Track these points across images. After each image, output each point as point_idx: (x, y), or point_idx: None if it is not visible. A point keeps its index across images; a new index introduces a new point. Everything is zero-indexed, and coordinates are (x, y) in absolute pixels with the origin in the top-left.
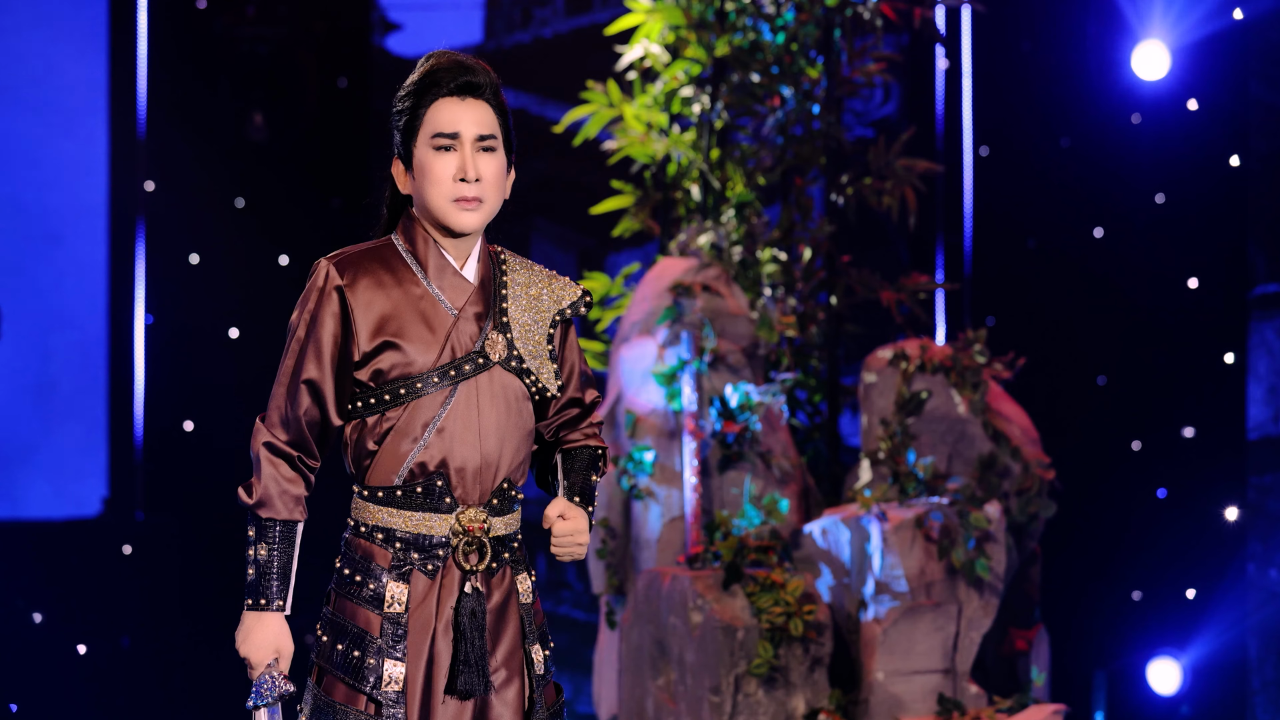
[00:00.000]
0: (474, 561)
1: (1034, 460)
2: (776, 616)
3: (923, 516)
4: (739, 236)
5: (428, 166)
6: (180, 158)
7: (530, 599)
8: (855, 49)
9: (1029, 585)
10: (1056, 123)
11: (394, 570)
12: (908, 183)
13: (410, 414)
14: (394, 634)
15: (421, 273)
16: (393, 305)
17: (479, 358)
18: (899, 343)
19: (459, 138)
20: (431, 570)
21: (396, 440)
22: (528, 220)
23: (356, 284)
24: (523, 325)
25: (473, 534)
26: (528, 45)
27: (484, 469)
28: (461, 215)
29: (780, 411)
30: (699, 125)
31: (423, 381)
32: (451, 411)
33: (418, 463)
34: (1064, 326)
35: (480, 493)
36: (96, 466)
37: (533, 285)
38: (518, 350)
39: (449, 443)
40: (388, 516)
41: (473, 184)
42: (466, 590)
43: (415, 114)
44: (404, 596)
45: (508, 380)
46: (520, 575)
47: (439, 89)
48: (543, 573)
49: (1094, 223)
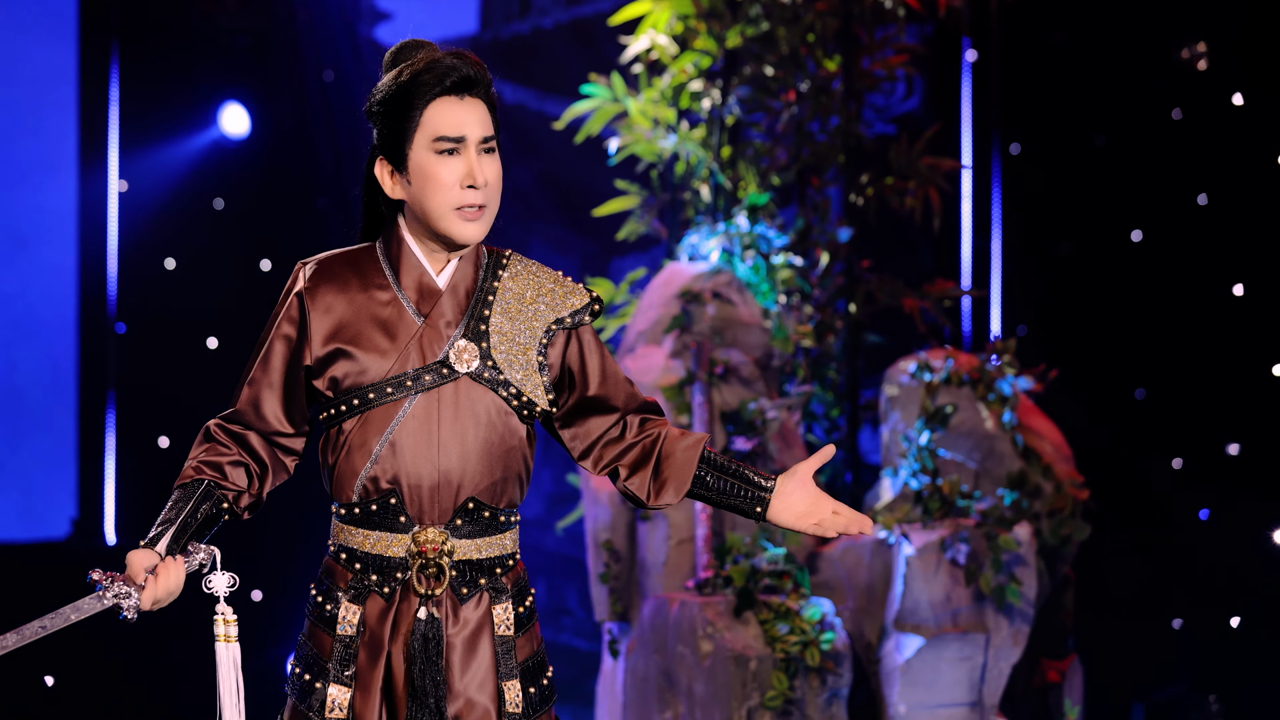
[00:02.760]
0: (429, 585)
1: (1067, 479)
2: (791, 646)
3: (948, 539)
4: (752, 240)
5: (430, 172)
6: (155, 155)
7: (509, 631)
8: (876, 40)
9: (1062, 612)
10: (1092, 118)
11: (350, 591)
12: (932, 183)
13: (363, 426)
14: (342, 656)
15: (394, 277)
16: (353, 311)
17: (442, 368)
18: (922, 354)
19: (464, 141)
20: (388, 593)
21: (351, 454)
22: (526, 223)
23: (319, 288)
24: (505, 334)
25: (428, 555)
26: (526, 36)
27: (442, 486)
28: (465, 227)
29: (796, 427)
30: (709, 121)
31: (375, 391)
32: (405, 424)
33: (370, 478)
34: (1099, 336)
35: (439, 512)
36: (64, 486)
37: (530, 291)
38: (494, 361)
39: (402, 458)
40: (349, 535)
41: (480, 189)
42: (421, 616)
43: (408, 114)
44: (356, 619)
45: (479, 393)
46: (500, 605)
47: (437, 86)
48: (542, 598)
49: (1131, 225)
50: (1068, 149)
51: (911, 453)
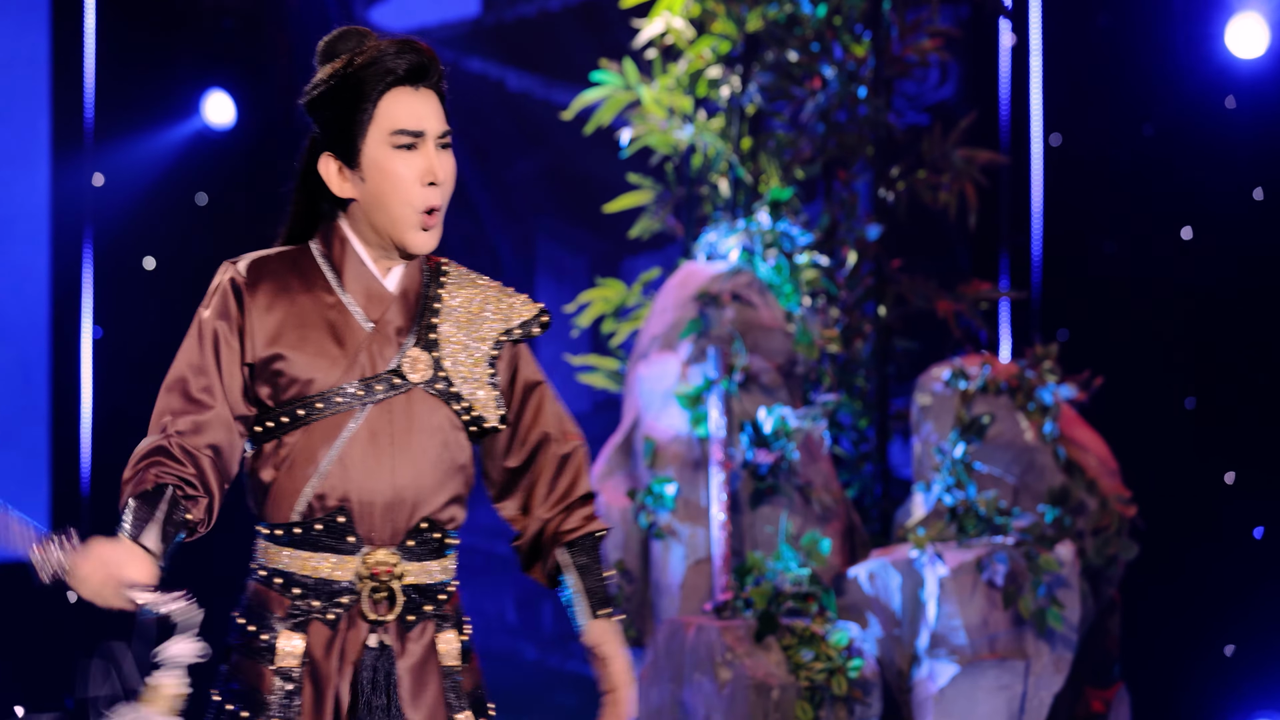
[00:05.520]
0: (382, 611)
1: (1113, 495)
2: (817, 673)
3: (985, 559)
4: (774, 238)
5: (388, 168)
6: (133, 147)
7: (456, 660)
8: (907, 23)
9: (1107, 638)
10: (1138, 107)
11: (289, 619)
12: (967, 176)
13: (308, 439)
14: (285, 691)
15: (336, 279)
16: (296, 314)
17: (395, 378)
18: (957, 360)
19: (424, 135)
20: (333, 620)
21: (293, 469)
22: (532, 220)
23: (258, 285)
24: (456, 344)
25: (380, 579)
26: (532, 20)
27: (395, 505)
28: (423, 237)
29: (821, 438)
30: (728, 111)
31: (323, 402)
32: (356, 438)
33: (316, 495)
34: (1147, 341)
35: (391, 532)
36: (37, 500)
37: (475, 301)
38: (446, 372)
39: (353, 473)
40: (288, 559)
41: (440, 187)
42: (371, 644)
43: (361, 106)
44: (299, 649)
45: (431, 405)
46: (445, 633)
47: (390, 76)
48: (548, 623)
49: (1181, 222)
50: (1113, 140)
51: (945, 466)
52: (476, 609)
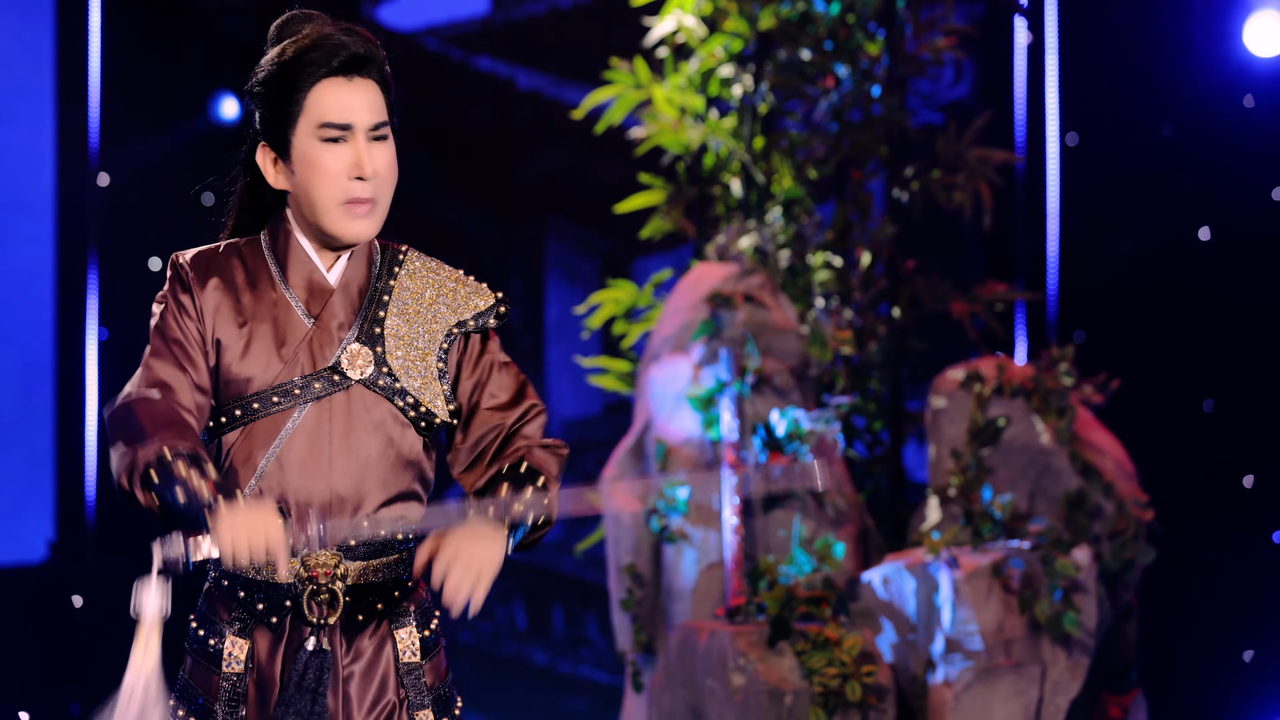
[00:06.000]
0: (321, 613)
1: (1129, 498)
2: (830, 679)
3: (1000, 563)
4: (787, 238)
5: (314, 161)
6: (139, 147)
7: (416, 658)
8: (922, 21)
9: (1124, 643)
10: (1156, 106)
11: (235, 623)
12: (982, 176)
13: (247, 439)
14: (230, 697)
15: (280, 274)
16: (238, 311)
17: (333, 374)
18: (972, 362)
19: (352, 129)
20: (276, 623)
21: (234, 471)
22: (541, 220)
23: (206, 281)
24: (402, 338)
25: (319, 581)
26: (542, 17)
27: (334, 505)
28: (353, 224)
29: (834, 441)
30: (740, 110)
31: (260, 401)
32: (294, 437)
33: (254, 496)
34: (1165, 343)
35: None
36: (41, 505)
37: (429, 291)
38: (389, 367)
39: (289, 474)
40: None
41: (369, 181)
42: (309, 647)
43: (292, 97)
44: (243, 654)
45: (372, 402)
46: (403, 629)
47: (323, 66)
48: (559, 627)
49: (1199, 222)
50: (1130, 139)
51: (960, 469)
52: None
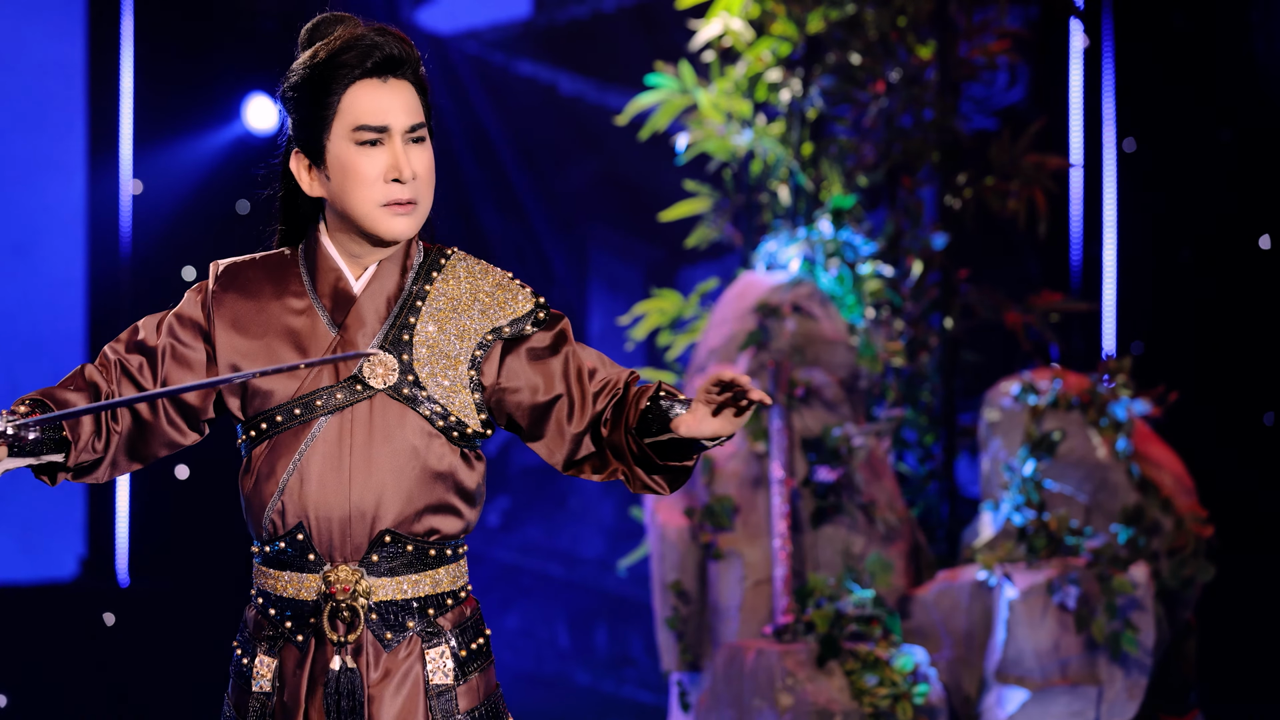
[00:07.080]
0: (341, 631)
1: (1189, 514)
2: (881, 699)
3: (1056, 581)
4: (836, 248)
5: (350, 165)
6: (172, 153)
7: (449, 679)
8: (974, 24)
9: (1183, 663)
10: (1215, 112)
11: (265, 641)
12: (1037, 183)
13: (271, 453)
14: (260, 715)
15: (310, 283)
16: (261, 324)
17: (355, 384)
18: (1027, 374)
19: (388, 131)
20: (302, 641)
21: (260, 485)
22: (585, 229)
23: (226, 295)
24: (433, 345)
25: (338, 598)
26: (585, 21)
27: (353, 519)
28: (394, 221)
29: (885, 455)
30: (788, 115)
31: (282, 414)
32: (314, 450)
33: (277, 511)
34: (1224, 354)
35: (351, 548)
36: (72, 521)
37: (466, 295)
38: (416, 375)
39: (309, 488)
40: (265, 578)
41: (408, 184)
42: (335, 666)
43: (325, 101)
44: (271, 673)
45: (396, 411)
46: (435, 649)
47: (357, 68)
48: (603, 646)
49: (1259, 230)
50: (1189, 145)
51: (1015, 484)
52: (527, 632)
